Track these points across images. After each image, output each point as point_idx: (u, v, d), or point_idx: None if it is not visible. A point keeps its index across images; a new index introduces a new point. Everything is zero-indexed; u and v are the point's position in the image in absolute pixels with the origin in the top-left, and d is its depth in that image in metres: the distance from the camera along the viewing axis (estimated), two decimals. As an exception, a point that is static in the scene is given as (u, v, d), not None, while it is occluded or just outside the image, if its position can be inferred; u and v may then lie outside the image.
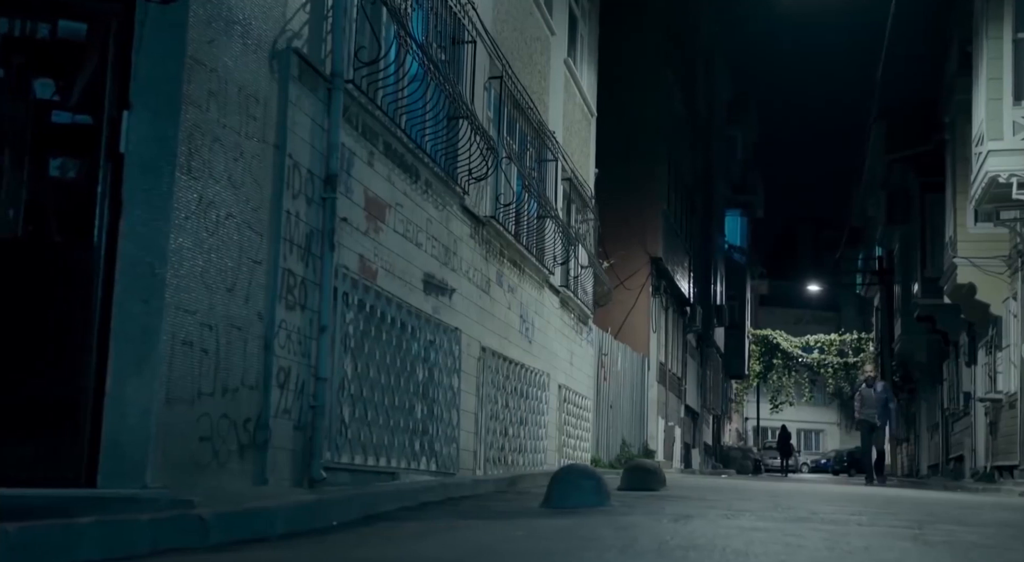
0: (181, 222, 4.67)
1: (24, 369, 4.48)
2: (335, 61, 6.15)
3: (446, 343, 8.27)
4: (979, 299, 18.54)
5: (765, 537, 4.44)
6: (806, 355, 45.70)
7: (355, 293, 6.49)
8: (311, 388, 5.84)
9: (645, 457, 19.70)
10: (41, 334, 4.50)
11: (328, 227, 6.02)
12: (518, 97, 10.60)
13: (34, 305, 4.51)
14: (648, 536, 4.38)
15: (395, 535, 4.42)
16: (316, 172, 5.96)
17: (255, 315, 5.30)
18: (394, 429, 7.09)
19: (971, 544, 4.47)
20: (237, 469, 5.12)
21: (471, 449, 9.04)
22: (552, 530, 4.60)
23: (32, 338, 4.49)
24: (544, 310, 12.05)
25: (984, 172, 14.45)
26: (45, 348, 4.49)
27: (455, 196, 8.62)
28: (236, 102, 5.11)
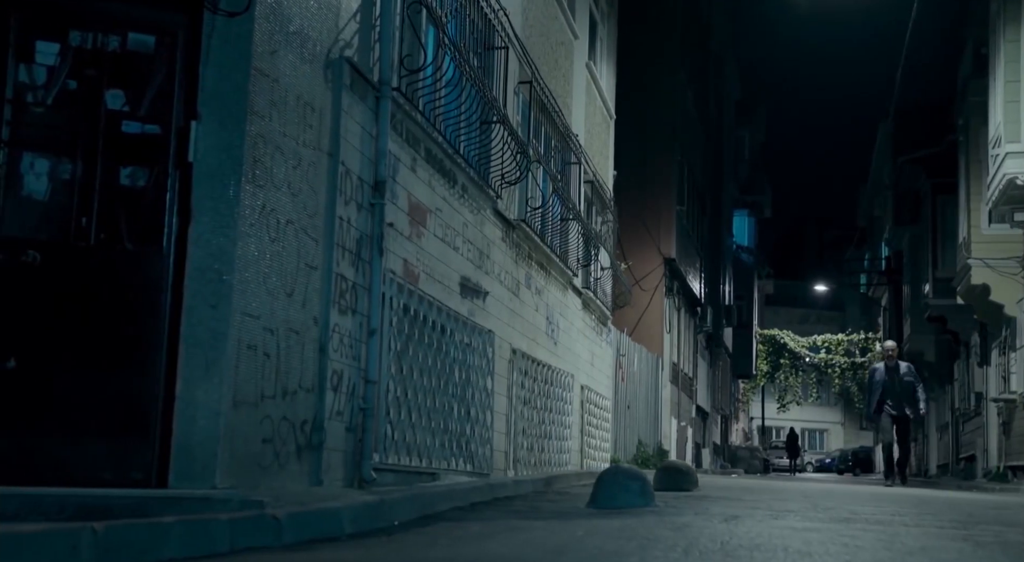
0: (246, 229, 4.78)
1: (97, 373, 4.59)
2: (382, 69, 6.26)
3: (480, 345, 8.38)
4: (993, 300, 18.63)
5: (820, 537, 4.54)
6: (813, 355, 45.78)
7: (400, 297, 6.59)
8: (361, 390, 5.95)
9: (659, 457, 19.81)
10: (113, 339, 4.61)
11: (376, 232, 6.12)
12: (545, 101, 10.70)
13: (106, 311, 4.62)
14: (706, 536, 4.48)
15: (460, 535, 4.52)
16: (365, 179, 6.07)
17: (311, 319, 5.41)
18: (434, 430, 7.20)
19: (1022, 545, 4.57)
20: (295, 470, 5.23)
21: (503, 450, 9.14)
22: (612, 530, 4.70)
23: (105, 343, 4.60)
24: (568, 312, 12.15)
25: (1002, 174, 14.56)
26: (117, 352, 4.60)
27: (488, 200, 8.72)
28: (295, 111, 5.22)
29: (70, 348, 4.55)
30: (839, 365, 44.99)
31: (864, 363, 45.09)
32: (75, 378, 4.56)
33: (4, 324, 4.58)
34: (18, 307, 4.61)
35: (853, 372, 45.17)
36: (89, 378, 4.58)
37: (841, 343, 45.85)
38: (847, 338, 45.99)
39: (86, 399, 4.57)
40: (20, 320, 4.60)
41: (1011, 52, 14.39)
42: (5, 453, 4.50)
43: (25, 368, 4.56)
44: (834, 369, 45.32)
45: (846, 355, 45.56)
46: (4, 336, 4.57)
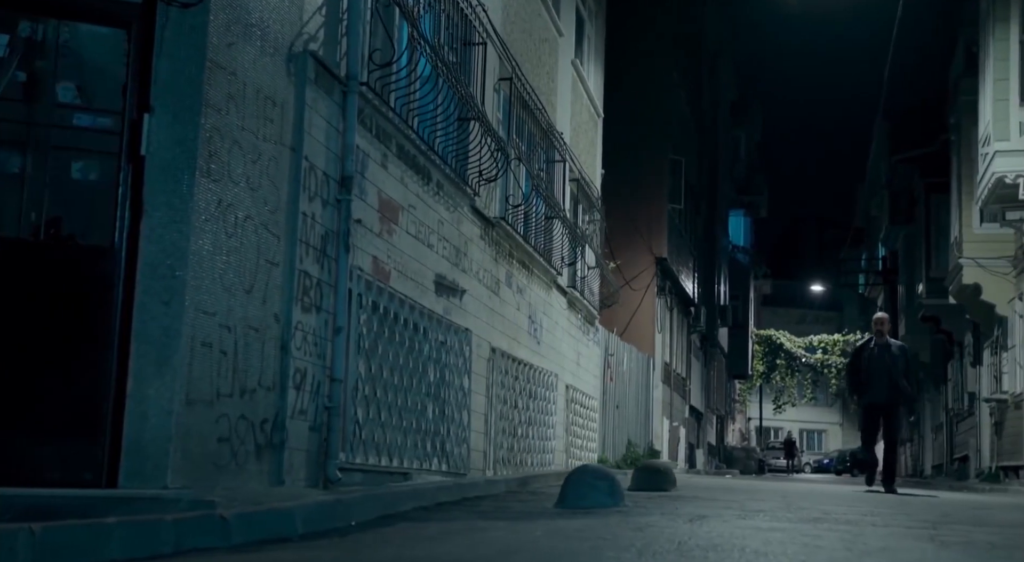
0: (201, 224, 4.70)
1: (46, 371, 4.50)
2: (350, 63, 6.18)
3: (457, 344, 8.30)
4: (984, 299, 18.56)
5: (782, 537, 4.46)
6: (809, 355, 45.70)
7: (369, 294, 6.51)
8: (326, 389, 5.87)
9: (650, 457, 19.74)
10: (62, 336, 4.53)
11: (343, 229, 6.04)
12: (527, 98, 10.62)
13: (55, 308, 4.54)
14: (666, 536, 4.40)
15: (416, 535, 4.44)
16: (331, 174, 5.99)
17: (272, 317, 5.32)
18: (406, 430, 7.12)
19: (989, 545, 4.49)
20: (255, 470, 5.15)
21: (481, 449, 9.06)
22: (571, 530, 4.63)
23: (53, 340, 4.52)
24: (552, 311, 12.07)
25: (991, 173, 14.48)
26: (67, 350, 4.52)
27: (466, 197, 8.64)
28: (254, 105, 5.14)
29: (18, 345, 4.47)
30: (835, 365, 44.93)
31: (859, 363, 45.04)
32: (24, 376, 4.48)
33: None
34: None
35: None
36: (38, 376, 4.50)
37: (837, 343, 45.80)
38: (843, 338, 45.93)
39: (35, 397, 4.49)
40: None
41: (1000, 50, 14.32)
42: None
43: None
44: (830, 369, 45.27)
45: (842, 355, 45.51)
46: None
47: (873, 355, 10.56)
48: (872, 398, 10.45)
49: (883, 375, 10.31)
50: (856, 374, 10.76)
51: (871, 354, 10.58)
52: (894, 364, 10.43)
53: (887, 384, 10.28)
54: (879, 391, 10.35)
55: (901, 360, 10.56)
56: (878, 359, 10.51)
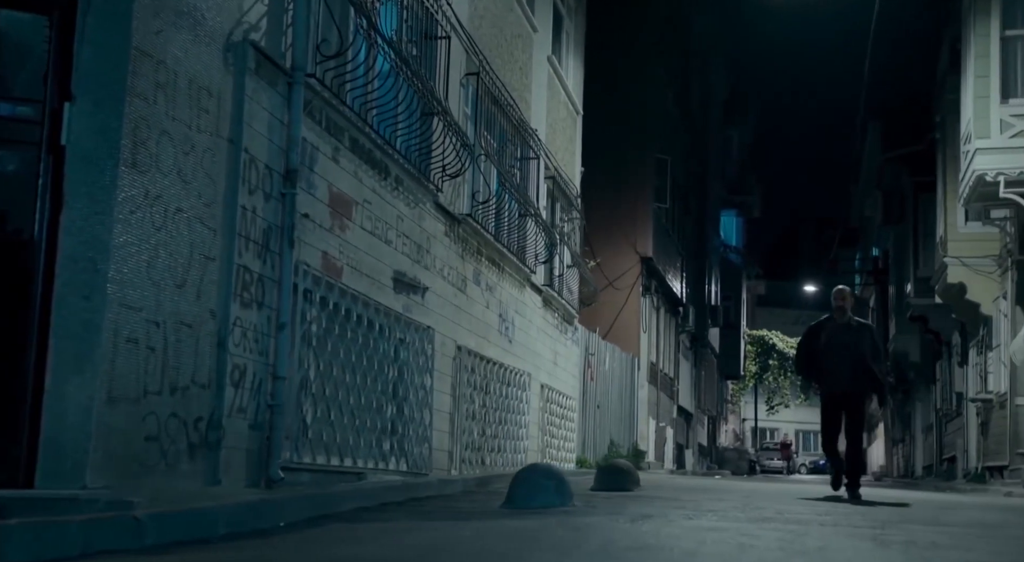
0: (125, 216, 4.57)
1: (-39, 366, 4.38)
2: (296, 55, 6.06)
3: (418, 342, 8.18)
4: (969, 299, 18.44)
5: (719, 537, 4.34)
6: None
7: (318, 290, 6.39)
8: (269, 387, 5.74)
9: (635, 457, 19.61)
10: (-21, 331, 4.40)
11: (288, 223, 5.92)
12: (497, 94, 10.50)
13: (-28, 301, 4.41)
14: (599, 537, 4.28)
15: (343, 536, 4.32)
16: (275, 167, 5.86)
17: (207, 312, 5.20)
18: (360, 429, 6.99)
19: (931, 544, 4.37)
20: (188, 469, 5.02)
21: (446, 449, 8.94)
22: (504, 531, 4.50)
23: (-31, 335, 4.39)
24: (526, 309, 11.95)
25: (972, 171, 14.36)
26: (-17, 345, 4.39)
27: (428, 193, 8.52)
28: (186, 95, 5.02)
29: (-67, 340, 4.35)
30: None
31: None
32: (-62, 372, 4.35)
33: None
34: None
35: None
36: (-47, 372, 4.37)
37: (830, 344, 45.67)
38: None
39: (-49, 394, 4.36)
40: None
41: (981, 46, 14.21)
42: None
43: None
44: (823, 370, 45.13)
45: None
46: None
47: (833, 336, 8.75)
48: (832, 386, 8.70)
49: (844, 359, 8.60)
50: (810, 358, 8.96)
51: (830, 335, 8.78)
52: (858, 346, 8.66)
53: (850, 370, 8.58)
54: (840, 378, 8.61)
55: (867, 341, 8.79)
56: (839, 340, 8.71)
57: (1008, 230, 16.42)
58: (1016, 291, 16.15)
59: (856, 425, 8.76)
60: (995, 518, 6.58)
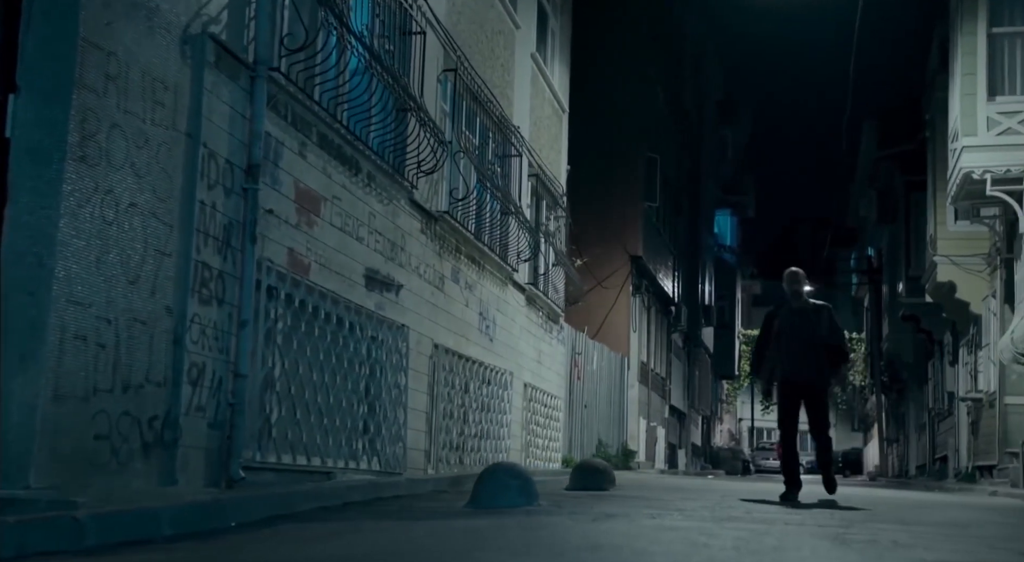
0: (73, 211, 4.48)
1: (-98, 364, 4.29)
2: (259, 48, 5.97)
3: (391, 340, 8.09)
4: (959, 297, 18.38)
5: (676, 536, 4.26)
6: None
7: (283, 288, 6.30)
8: (229, 385, 5.65)
9: (625, 457, 19.53)
10: (-79, 327, 4.31)
11: (250, 219, 5.83)
12: (476, 90, 10.42)
13: (-86, 297, 4.33)
14: (553, 537, 4.20)
15: (292, 537, 4.24)
16: (236, 162, 5.78)
17: (163, 309, 5.11)
18: (329, 428, 6.90)
19: (893, 543, 4.29)
20: (142, 469, 4.93)
21: (422, 448, 8.85)
22: (458, 531, 4.42)
23: (-89, 331, 4.30)
24: (508, 308, 11.86)
25: (959, 168, 14.29)
26: (-75, 342, 4.30)
27: (403, 190, 8.44)
28: (139, 87, 4.93)
29: None
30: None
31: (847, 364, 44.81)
32: None
33: None
34: None
35: (836, 373, 44.83)
36: None
37: (825, 343, 45.58)
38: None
39: None
40: None
41: (968, 45, 14.13)
42: None
43: None
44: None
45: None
46: None
47: (790, 322, 8.03)
48: (790, 374, 7.92)
49: (802, 346, 7.87)
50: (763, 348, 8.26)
51: (786, 321, 8.05)
52: (815, 331, 7.95)
53: (809, 357, 7.84)
54: (798, 366, 7.86)
55: (826, 325, 8.04)
56: (796, 326, 7.98)
57: (997, 229, 16.36)
58: (1005, 290, 16.08)
59: (821, 418, 8.05)
60: (969, 517, 6.50)
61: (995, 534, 5.08)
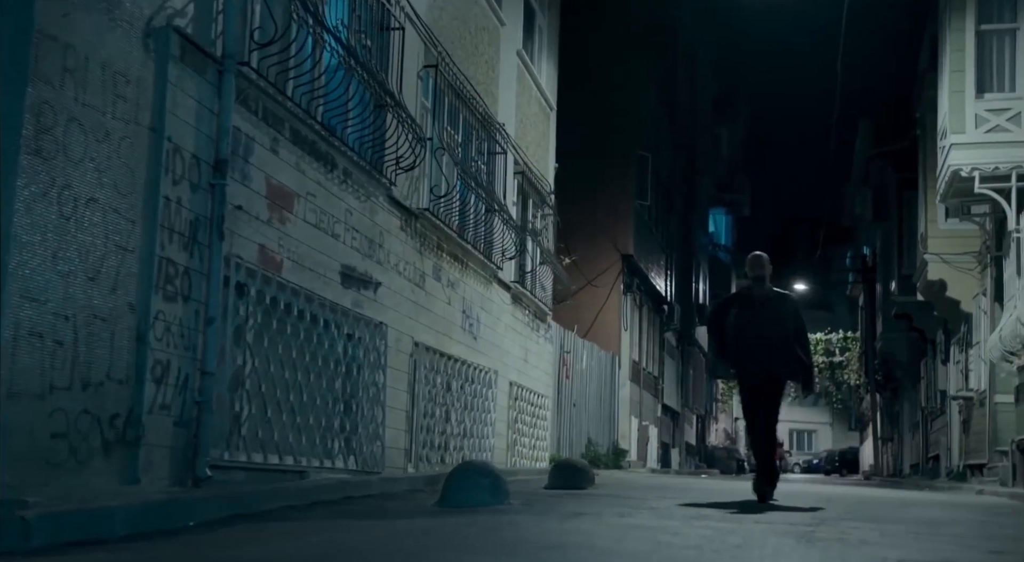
0: (27, 205, 4.41)
1: None
2: (227, 42, 5.90)
3: (368, 338, 8.02)
4: (949, 296, 18.31)
5: (641, 535, 4.19)
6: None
7: (253, 284, 6.23)
8: (196, 383, 5.58)
9: (615, 456, 19.47)
10: None
11: (217, 214, 5.76)
12: (459, 87, 10.35)
13: None
14: (515, 536, 4.13)
15: (248, 536, 4.17)
16: (203, 157, 5.70)
17: (125, 305, 5.04)
18: (302, 426, 6.83)
19: (860, 541, 4.22)
20: (102, 467, 4.86)
21: (401, 447, 8.78)
22: (419, 531, 4.35)
23: None
24: (492, 306, 11.79)
25: (947, 166, 14.23)
26: None
27: (380, 187, 8.37)
28: (99, 81, 4.86)
29: None
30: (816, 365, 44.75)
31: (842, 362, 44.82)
32: None
33: None
34: None
35: (831, 371, 44.91)
36: None
37: (820, 342, 45.60)
38: (826, 337, 45.74)
39: None
40: None
41: (956, 41, 14.07)
42: None
43: None
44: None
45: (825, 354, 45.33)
46: None
47: (750, 311, 7.36)
48: (750, 370, 7.32)
49: (764, 337, 7.22)
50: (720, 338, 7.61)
51: (746, 310, 7.39)
52: (779, 322, 7.28)
53: (771, 350, 7.18)
54: (760, 360, 7.21)
55: (790, 317, 7.37)
56: (757, 316, 7.29)
57: (987, 227, 16.31)
58: (995, 288, 16.03)
59: (772, 414, 7.37)
60: (946, 516, 6.44)
61: (968, 532, 5.01)
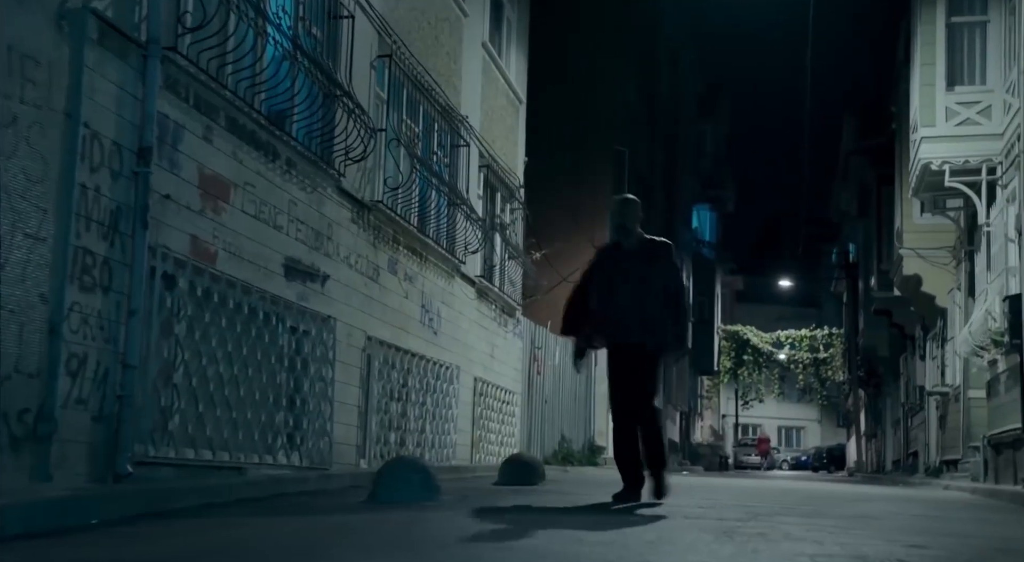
0: (-78, 191, 4.25)
1: None
2: (152, 27, 5.73)
3: (316, 332, 7.86)
4: (925, 291, 18.27)
5: (554, 532, 4.06)
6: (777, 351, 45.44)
7: (183, 276, 6.07)
8: (118, 376, 5.42)
9: (591, 453, 19.33)
10: None
11: (141, 203, 5.59)
12: (419, 78, 10.19)
13: None
14: (424, 533, 3.99)
15: (147, 534, 4.01)
16: (125, 144, 5.54)
17: (36, 297, 4.87)
18: (239, 421, 6.67)
19: (783, 536, 4.10)
20: (9, 464, 4.70)
21: (353, 443, 8.63)
22: (328, 527, 4.21)
23: None
24: (455, 301, 11.64)
25: (918, 160, 14.15)
26: None
27: (329, 178, 8.21)
28: (5, 63, 4.69)
29: None
30: (801, 361, 44.73)
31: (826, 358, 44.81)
32: None
33: None
34: None
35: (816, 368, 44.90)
36: None
37: (805, 339, 45.59)
38: (811, 334, 45.72)
39: None
40: None
41: (927, 34, 13.98)
42: None
43: None
44: (797, 365, 45.04)
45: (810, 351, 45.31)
46: None
47: (617, 265, 6.11)
48: (617, 336, 6.02)
49: (633, 296, 5.94)
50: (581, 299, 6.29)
51: (612, 265, 6.16)
52: (651, 277, 5.98)
53: (632, 312, 5.91)
54: (627, 323, 5.93)
55: (660, 273, 6.03)
56: (625, 271, 6.04)
57: (960, 222, 16.24)
58: (969, 282, 15.96)
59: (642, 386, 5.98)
60: (889, 510, 6.32)
61: (899, 526, 4.89)
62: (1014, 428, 11.34)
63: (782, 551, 3.61)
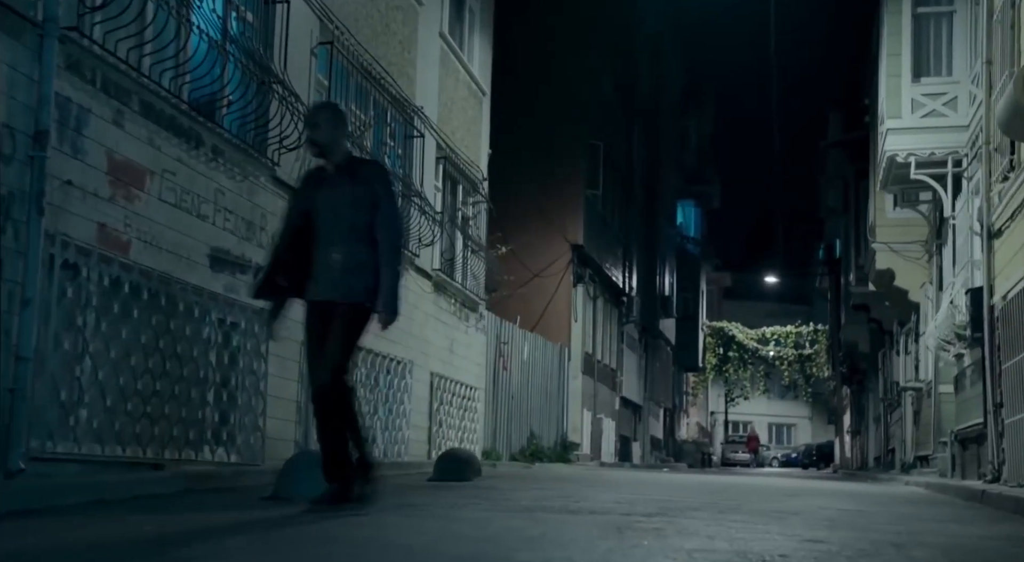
0: None
1: None
2: (49, 5, 5.51)
3: (246, 324, 7.65)
4: (898, 285, 18.10)
5: (444, 528, 3.87)
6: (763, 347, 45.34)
7: (88, 265, 5.85)
8: (10, 369, 5.20)
9: (563, 450, 19.16)
10: None
11: (36, 189, 5.37)
12: (367, 67, 9.97)
13: None
14: (311, 531, 3.79)
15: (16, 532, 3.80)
16: (19, 127, 5.31)
17: (-88, 284, 4.66)
18: (156, 416, 6.45)
19: (677, 531, 3.90)
20: None
21: (290, 438, 8.42)
22: (201, 526, 4.00)
23: None
24: (408, 294, 11.39)
25: (884, 152, 13.97)
26: None
27: (262, 167, 7.99)
28: None
29: None
30: (786, 358, 44.64)
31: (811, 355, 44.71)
32: None
33: None
34: None
35: (800, 365, 44.81)
36: None
37: (790, 335, 45.49)
38: (796, 330, 45.62)
39: None
40: None
41: (893, 24, 13.81)
42: None
43: None
44: (782, 362, 44.95)
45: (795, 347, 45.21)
46: None
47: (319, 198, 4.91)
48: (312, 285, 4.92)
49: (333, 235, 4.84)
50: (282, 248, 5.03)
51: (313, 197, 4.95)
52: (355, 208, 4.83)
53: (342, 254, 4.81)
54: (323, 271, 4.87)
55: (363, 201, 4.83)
56: (328, 203, 4.87)
57: (931, 216, 16.08)
58: (939, 276, 15.80)
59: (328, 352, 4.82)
60: (813, 506, 6.14)
61: (811, 521, 4.71)
62: (977, 423, 11.18)
63: (664, 546, 3.41)
